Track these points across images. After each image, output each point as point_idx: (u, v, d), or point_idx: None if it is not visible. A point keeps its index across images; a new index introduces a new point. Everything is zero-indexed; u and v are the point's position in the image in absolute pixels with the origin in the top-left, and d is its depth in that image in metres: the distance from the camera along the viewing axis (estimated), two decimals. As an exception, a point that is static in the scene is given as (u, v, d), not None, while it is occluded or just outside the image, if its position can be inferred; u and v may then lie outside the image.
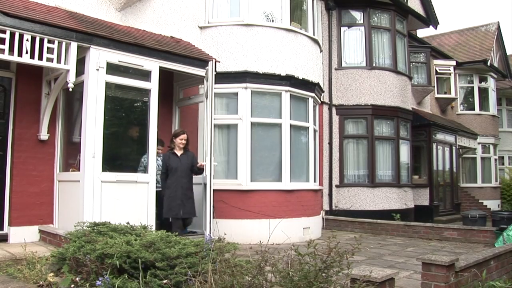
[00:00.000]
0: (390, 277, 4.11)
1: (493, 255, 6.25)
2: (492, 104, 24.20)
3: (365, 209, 14.18)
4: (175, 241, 5.01)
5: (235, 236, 7.87)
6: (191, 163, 8.53)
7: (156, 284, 4.33)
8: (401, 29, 16.26)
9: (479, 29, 25.75)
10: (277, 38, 10.61)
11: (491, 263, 6.21)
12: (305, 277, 3.30)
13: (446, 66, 21.93)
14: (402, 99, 15.49)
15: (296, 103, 10.85)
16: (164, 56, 8.46)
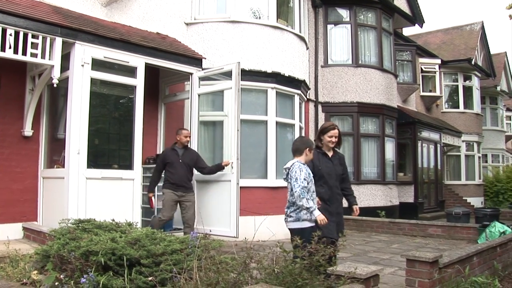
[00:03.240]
0: (374, 273, 4.13)
1: (476, 252, 6.31)
2: (476, 103, 24.42)
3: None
4: (161, 238, 4.99)
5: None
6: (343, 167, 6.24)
7: (141, 281, 4.32)
8: (387, 27, 16.33)
9: (464, 28, 25.94)
10: (263, 35, 10.60)
11: (473, 259, 6.27)
12: (290, 274, 3.31)
13: (431, 64, 22.07)
14: (387, 96, 15.56)
15: (282, 100, 10.85)
16: (150, 52, 8.42)
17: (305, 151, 5.37)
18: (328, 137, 5.81)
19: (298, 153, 5.42)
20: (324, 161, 5.76)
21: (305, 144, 5.48)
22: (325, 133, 5.84)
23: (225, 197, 8.60)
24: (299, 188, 4.98)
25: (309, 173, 5.22)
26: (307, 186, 5.10)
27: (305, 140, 5.79)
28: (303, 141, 5.64)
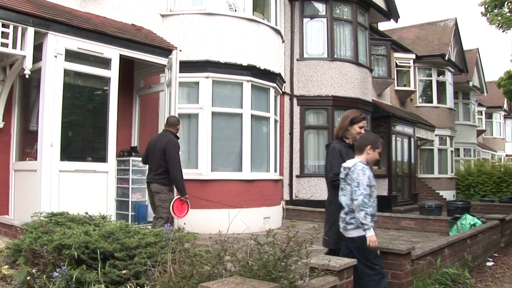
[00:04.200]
0: (348, 265, 4.17)
1: (447, 244, 6.43)
2: (449, 98, 24.76)
3: (325, 199, 14.20)
4: (135, 231, 4.96)
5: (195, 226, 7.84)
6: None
7: (115, 275, 4.29)
8: (363, 21, 16.42)
9: (438, 24, 26.24)
10: (239, 27, 10.58)
11: (445, 251, 6.39)
12: (264, 266, 3.32)
13: (406, 59, 22.27)
14: (362, 90, 15.67)
15: (257, 93, 10.85)
16: (125, 44, 8.34)
17: (366, 149, 4.64)
18: (359, 127, 5.13)
19: (359, 151, 4.69)
20: (351, 155, 4.88)
21: (366, 141, 4.71)
22: (356, 123, 5.14)
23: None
24: (362, 196, 4.35)
25: (372, 176, 4.51)
26: (369, 192, 4.45)
27: (368, 136, 4.93)
28: (366, 137, 4.82)
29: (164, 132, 7.66)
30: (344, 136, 5.13)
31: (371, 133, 5.26)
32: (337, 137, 5.17)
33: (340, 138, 5.13)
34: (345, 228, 4.54)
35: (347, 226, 4.52)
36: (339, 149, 4.95)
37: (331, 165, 4.92)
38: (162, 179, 7.32)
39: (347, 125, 5.15)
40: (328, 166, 4.96)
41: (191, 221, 7.57)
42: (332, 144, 5.12)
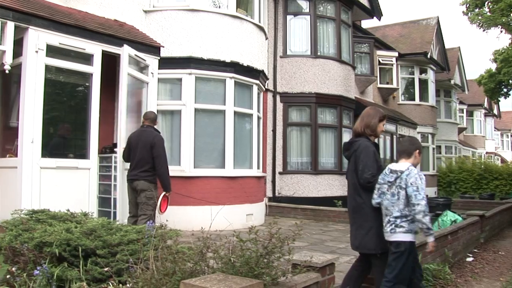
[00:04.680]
0: (330, 262, 4.20)
1: (428, 240, 6.46)
2: (431, 95, 24.99)
3: (307, 196, 14.38)
4: (117, 228, 4.93)
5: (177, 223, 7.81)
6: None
7: (97, 272, 4.26)
8: (346, 19, 16.48)
9: (421, 23, 26.44)
10: (222, 24, 10.55)
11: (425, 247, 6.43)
12: (246, 263, 3.32)
13: (388, 57, 22.42)
14: (345, 88, 15.73)
15: (240, 90, 10.85)
16: (107, 39, 8.29)
17: (414, 153, 4.55)
18: (383, 125, 4.96)
19: (407, 155, 4.56)
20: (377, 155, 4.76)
21: (415, 145, 4.63)
22: (382, 121, 4.93)
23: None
24: (424, 201, 4.23)
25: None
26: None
27: (415, 140, 4.85)
28: (413, 142, 4.74)
29: (146, 128, 7.58)
30: (369, 134, 4.84)
31: (413, 137, 4.97)
32: (362, 134, 4.81)
33: (365, 136, 4.81)
34: (393, 231, 4.34)
35: (396, 229, 4.33)
36: (373, 149, 4.70)
37: (366, 165, 4.58)
38: (149, 176, 7.27)
39: (377, 122, 4.85)
40: (361, 166, 4.58)
41: (174, 218, 7.53)
42: (361, 142, 4.73)
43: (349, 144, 4.81)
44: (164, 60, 9.65)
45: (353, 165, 4.67)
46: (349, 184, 4.78)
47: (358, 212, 4.63)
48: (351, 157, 4.73)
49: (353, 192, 4.68)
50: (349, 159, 4.78)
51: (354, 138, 4.82)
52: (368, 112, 4.91)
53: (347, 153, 4.80)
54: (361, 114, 4.91)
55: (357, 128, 4.81)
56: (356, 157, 4.62)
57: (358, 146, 4.66)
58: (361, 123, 4.79)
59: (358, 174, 4.57)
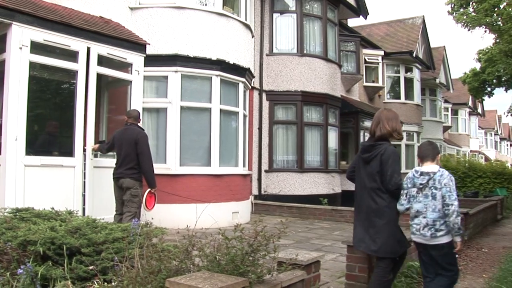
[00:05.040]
0: (315, 259, 4.21)
1: (412, 238, 6.51)
2: (417, 94, 25.14)
3: (293, 193, 14.41)
4: (102, 226, 4.91)
5: (163, 220, 7.81)
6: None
7: (81, 271, 4.24)
8: (332, 17, 16.53)
9: (406, 22, 26.59)
10: (209, 22, 10.53)
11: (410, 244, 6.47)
12: (232, 261, 3.33)
13: (374, 55, 22.51)
14: (331, 86, 15.78)
15: (226, 87, 10.84)
16: (93, 36, 8.25)
17: (437, 157, 4.67)
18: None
19: (431, 158, 4.62)
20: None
21: (437, 149, 4.75)
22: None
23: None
24: (457, 201, 4.35)
25: None
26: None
27: (436, 145, 4.91)
28: (435, 146, 4.82)
29: (129, 125, 7.60)
30: (397, 137, 4.83)
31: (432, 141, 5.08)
32: (385, 138, 4.72)
33: (387, 140, 4.74)
34: (434, 236, 4.38)
35: (437, 233, 4.37)
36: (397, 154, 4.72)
37: (395, 171, 4.54)
38: (134, 174, 7.31)
39: (400, 125, 4.89)
40: (389, 171, 4.50)
41: (159, 216, 7.53)
42: (387, 147, 4.64)
43: (371, 147, 4.70)
44: (150, 58, 9.61)
45: (374, 168, 4.61)
46: (365, 186, 4.73)
47: (380, 215, 4.56)
48: (371, 160, 4.65)
49: (374, 195, 4.62)
50: (368, 162, 4.69)
51: (374, 141, 4.72)
52: (390, 115, 4.85)
53: (367, 155, 4.70)
54: (378, 118, 4.81)
55: (383, 131, 4.69)
56: (383, 161, 4.54)
57: (385, 151, 4.58)
58: (386, 126, 4.70)
59: (384, 178, 4.52)
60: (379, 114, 4.86)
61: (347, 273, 5.30)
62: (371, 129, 4.79)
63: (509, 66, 17.75)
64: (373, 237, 4.55)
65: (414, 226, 4.49)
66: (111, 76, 9.38)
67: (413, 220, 4.50)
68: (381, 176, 4.54)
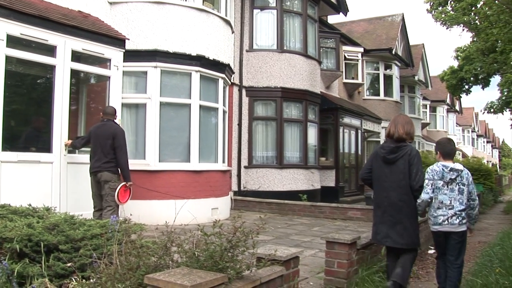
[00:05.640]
0: (294, 255, 4.23)
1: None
2: (396, 91, 25.36)
3: (273, 189, 14.44)
4: (80, 223, 4.87)
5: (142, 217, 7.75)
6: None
7: (59, 268, 4.20)
8: (313, 14, 16.57)
9: (386, 19, 26.79)
10: (188, 17, 10.48)
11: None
12: (211, 257, 3.32)
13: (354, 52, 22.63)
14: (311, 82, 15.83)
15: (206, 83, 10.81)
16: (71, 31, 8.15)
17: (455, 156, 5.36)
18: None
19: (451, 156, 5.20)
20: None
21: (455, 148, 5.39)
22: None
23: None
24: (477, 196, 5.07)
25: None
26: None
27: (454, 142, 5.50)
28: (454, 144, 5.40)
29: (106, 121, 7.70)
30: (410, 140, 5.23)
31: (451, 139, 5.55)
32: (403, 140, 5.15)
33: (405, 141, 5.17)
34: (461, 223, 4.90)
35: (463, 221, 4.91)
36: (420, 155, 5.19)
37: (420, 170, 5.01)
38: (112, 167, 7.42)
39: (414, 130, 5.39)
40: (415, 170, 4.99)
41: (138, 212, 7.49)
42: (411, 148, 5.13)
43: (397, 149, 5.09)
44: (129, 53, 9.53)
45: (402, 168, 5.02)
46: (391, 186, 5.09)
47: (407, 213, 5.01)
48: (397, 161, 5.06)
49: (401, 192, 5.02)
50: (394, 162, 5.08)
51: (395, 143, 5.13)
52: (406, 120, 5.30)
53: (393, 156, 5.09)
54: (396, 121, 5.24)
55: (401, 134, 5.12)
56: (410, 161, 4.99)
57: (410, 151, 5.04)
58: (403, 129, 5.14)
59: (411, 177, 4.97)
60: (396, 118, 5.36)
61: (326, 269, 5.33)
62: (389, 132, 5.23)
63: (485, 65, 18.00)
64: (400, 232, 4.98)
65: (441, 217, 4.93)
66: (88, 72, 9.30)
67: (437, 211, 4.96)
68: (409, 175, 4.99)
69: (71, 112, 9.01)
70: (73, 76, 9.10)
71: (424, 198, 4.95)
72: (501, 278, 4.89)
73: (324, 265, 5.38)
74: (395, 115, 5.62)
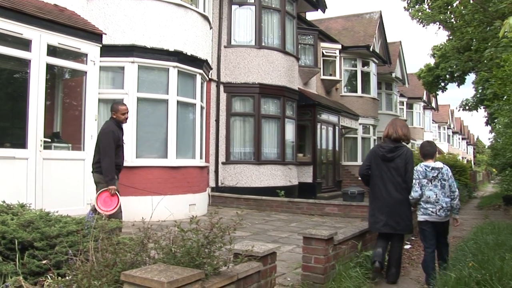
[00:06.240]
0: (272, 251, 4.24)
1: (368, 229, 6.65)
2: (373, 88, 25.56)
3: (250, 186, 14.46)
4: (56, 220, 4.82)
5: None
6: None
7: (34, 265, 4.16)
8: (291, 10, 16.60)
9: (364, 16, 26.94)
10: (166, 12, 10.42)
11: (366, 235, 6.61)
12: (188, 253, 3.32)
13: (332, 49, 22.72)
14: (289, 79, 15.87)
15: (183, 79, 10.77)
16: (47, 25, 8.04)
17: (435, 155, 6.10)
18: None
19: (432, 156, 5.99)
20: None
21: (435, 148, 6.18)
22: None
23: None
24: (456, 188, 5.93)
25: None
26: None
27: (434, 144, 6.35)
28: (434, 146, 6.24)
29: (108, 119, 7.32)
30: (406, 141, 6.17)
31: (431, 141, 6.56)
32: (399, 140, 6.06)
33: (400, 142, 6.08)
34: (446, 215, 5.82)
35: (448, 213, 5.82)
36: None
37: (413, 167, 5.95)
38: (99, 167, 6.94)
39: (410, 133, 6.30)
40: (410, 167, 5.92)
41: (115, 208, 7.42)
42: (407, 149, 6.07)
43: (395, 148, 5.98)
44: (106, 48, 9.44)
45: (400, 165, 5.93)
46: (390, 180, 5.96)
47: (403, 204, 5.95)
48: (394, 159, 5.96)
49: (399, 187, 5.94)
50: (392, 160, 5.97)
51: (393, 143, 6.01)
52: (402, 124, 6.20)
53: (392, 154, 5.97)
54: (395, 124, 6.14)
55: (400, 135, 6.03)
56: (406, 160, 5.94)
57: (406, 151, 5.99)
58: (402, 131, 6.03)
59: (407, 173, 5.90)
60: (394, 121, 6.25)
61: (303, 264, 5.36)
62: (388, 133, 6.08)
63: (461, 62, 18.24)
64: (397, 220, 5.92)
65: (430, 210, 5.77)
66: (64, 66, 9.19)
67: (426, 204, 5.80)
68: (404, 172, 5.91)
69: (47, 107, 8.90)
70: (49, 71, 8.98)
71: (414, 195, 5.83)
72: (474, 272, 4.97)
73: (302, 261, 5.41)
74: (393, 119, 6.47)
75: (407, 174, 5.90)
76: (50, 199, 7.84)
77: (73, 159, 8.59)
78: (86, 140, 8.73)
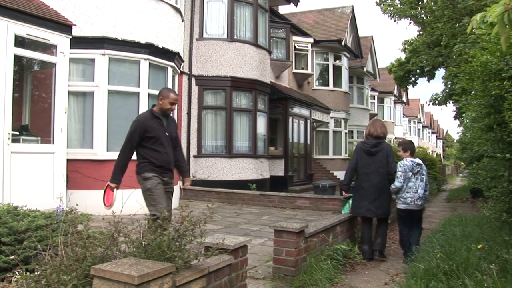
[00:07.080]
0: (243, 244, 4.25)
1: (339, 221, 6.74)
2: (345, 82, 25.75)
3: (222, 179, 14.45)
4: (24, 214, 4.76)
5: (90, 207, 7.68)
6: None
7: (1, 261, 4.10)
8: (264, 4, 16.60)
9: (336, 11, 27.09)
10: (138, 4, 10.32)
11: (337, 228, 6.68)
12: (158, 247, 3.31)
13: (304, 43, 22.82)
14: (261, 72, 15.88)
15: (155, 72, 10.69)
16: (14, 14, 7.88)
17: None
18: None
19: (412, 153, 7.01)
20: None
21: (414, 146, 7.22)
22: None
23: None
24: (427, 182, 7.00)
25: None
26: None
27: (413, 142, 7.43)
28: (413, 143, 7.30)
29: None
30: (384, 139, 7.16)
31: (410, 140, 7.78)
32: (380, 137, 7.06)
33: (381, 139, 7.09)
34: (422, 204, 6.83)
35: (423, 201, 6.85)
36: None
37: (393, 160, 6.97)
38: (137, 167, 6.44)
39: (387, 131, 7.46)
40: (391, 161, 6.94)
41: (86, 202, 7.38)
42: (387, 145, 7.11)
43: (378, 144, 6.99)
44: (76, 40, 9.30)
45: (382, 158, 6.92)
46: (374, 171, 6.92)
47: (385, 191, 6.91)
48: (377, 153, 6.95)
49: (382, 177, 6.89)
50: (375, 154, 6.96)
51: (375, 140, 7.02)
52: (381, 124, 7.26)
53: (375, 149, 6.97)
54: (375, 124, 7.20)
55: (380, 133, 7.05)
56: (388, 155, 6.94)
57: (387, 146, 7.04)
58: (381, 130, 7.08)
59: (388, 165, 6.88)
60: (374, 122, 7.35)
61: (274, 257, 5.39)
62: (370, 131, 7.13)
63: (431, 58, 18.48)
64: (377, 206, 6.88)
65: (409, 198, 6.71)
66: (32, 58, 9.03)
67: (406, 194, 6.73)
68: (386, 164, 6.89)
69: (15, 99, 8.74)
70: (17, 62, 8.80)
71: (397, 185, 6.72)
72: (442, 263, 5.07)
73: (273, 254, 5.44)
74: (373, 119, 7.71)
75: (389, 165, 6.89)
76: (18, 193, 7.71)
77: (42, 152, 8.46)
78: (56, 133, 8.59)
